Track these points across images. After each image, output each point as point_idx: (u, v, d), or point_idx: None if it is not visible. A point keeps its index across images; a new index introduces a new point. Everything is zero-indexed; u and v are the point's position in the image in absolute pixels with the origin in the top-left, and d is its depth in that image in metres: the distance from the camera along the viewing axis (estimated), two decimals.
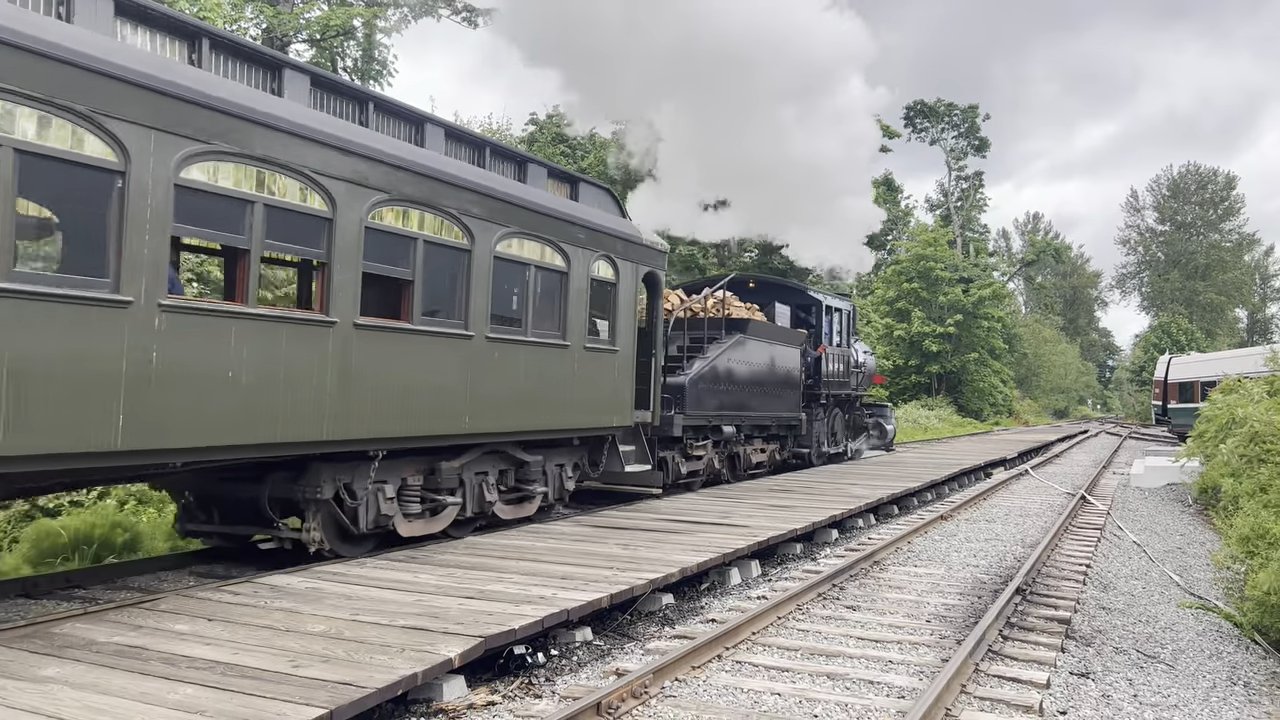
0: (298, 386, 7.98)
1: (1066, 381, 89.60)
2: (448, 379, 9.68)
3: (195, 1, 18.82)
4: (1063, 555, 11.48)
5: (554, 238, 11.34)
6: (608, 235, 12.50)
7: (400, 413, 9.06)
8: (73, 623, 6.28)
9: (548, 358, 11.27)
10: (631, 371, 13.05)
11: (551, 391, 11.33)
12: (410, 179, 9.14)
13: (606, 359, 12.44)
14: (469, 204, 9.87)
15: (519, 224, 10.69)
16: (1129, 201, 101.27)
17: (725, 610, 8.27)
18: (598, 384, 12.21)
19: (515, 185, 10.97)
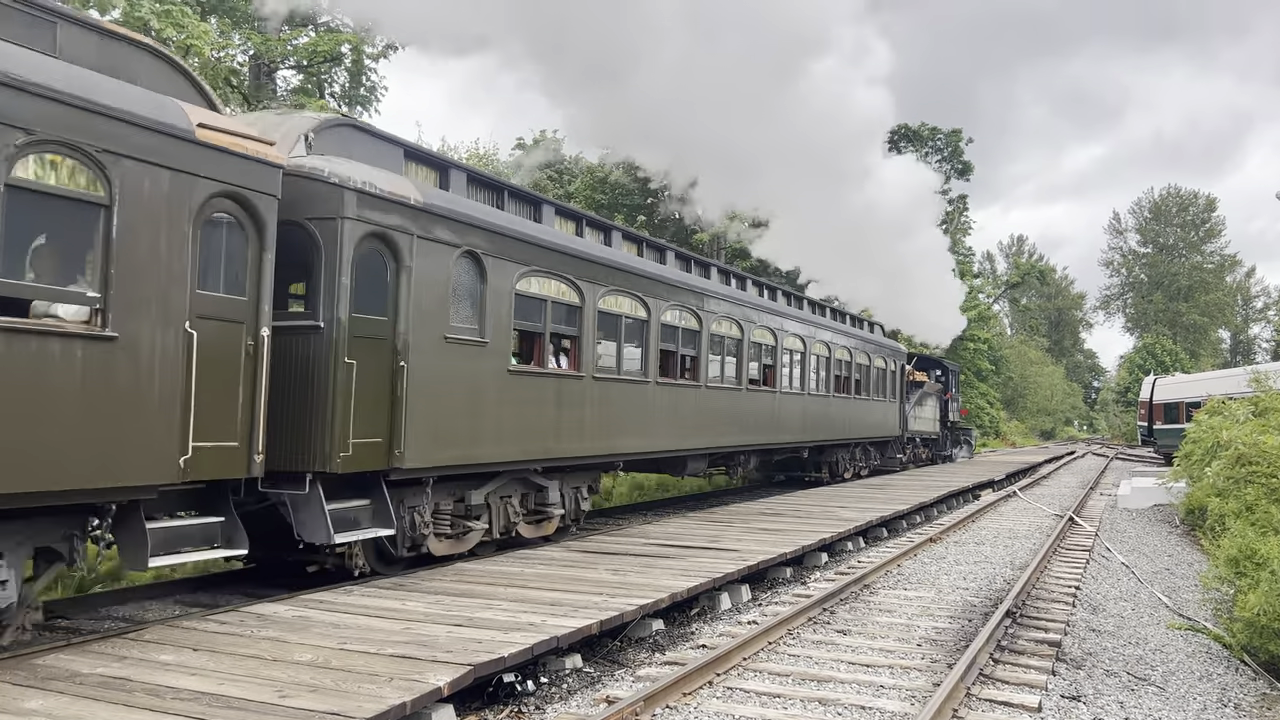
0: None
1: (1052, 403, 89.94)
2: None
3: (183, 30, 18.84)
4: (1052, 577, 11.48)
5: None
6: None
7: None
8: (56, 654, 6.20)
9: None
10: (896, 407, 27.76)
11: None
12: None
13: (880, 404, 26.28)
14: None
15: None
16: (1112, 224, 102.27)
17: (716, 635, 8.24)
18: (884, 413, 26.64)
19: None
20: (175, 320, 7.00)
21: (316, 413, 8.51)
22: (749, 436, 18.00)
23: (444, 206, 9.86)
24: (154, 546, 6.98)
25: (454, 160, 11.70)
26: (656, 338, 14.30)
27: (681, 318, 15.23)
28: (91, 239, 6.55)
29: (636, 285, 13.80)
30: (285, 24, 24.75)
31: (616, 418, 13.19)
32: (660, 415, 14.53)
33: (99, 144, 6.43)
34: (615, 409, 13.17)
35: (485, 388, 10.47)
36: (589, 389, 12.51)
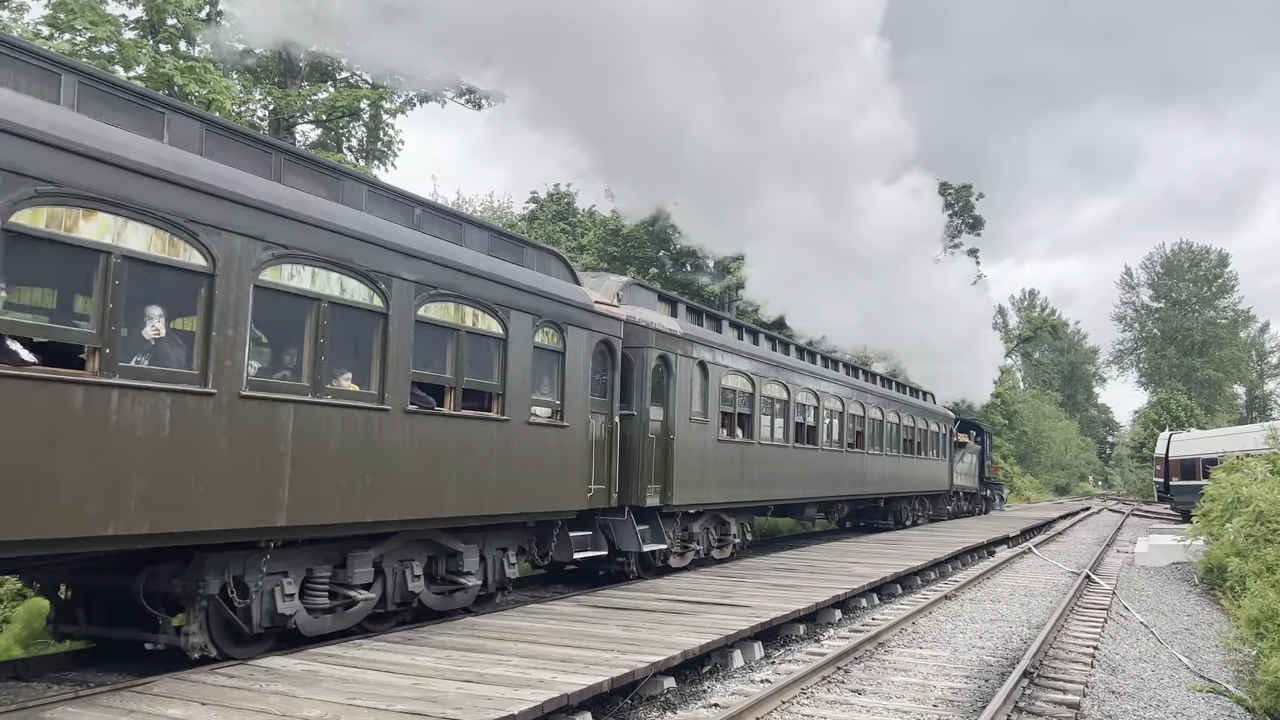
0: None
1: (1067, 458, 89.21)
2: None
3: (205, 85, 19.24)
4: (1069, 637, 11.31)
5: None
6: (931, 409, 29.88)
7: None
8: (64, 707, 6.16)
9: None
10: (945, 465, 32.31)
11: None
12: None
13: (935, 463, 30.59)
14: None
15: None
16: (1124, 278, 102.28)
17: (728, 694, 8.12)
18: (937, 470, 30.86)
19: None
20: (583, 414, 12.15)
21: (634, 468, 13.39)
22: (847, 489, 22.59)
23: (688, 334, 15.10)
24: (575, 547, 12.30)
25: (681, 298, 16.57)
26: (793, 413, 19.05)
27: (807, 397, 20.04)
28: (554, 371, 11.71)
29: (782, 374, 18.73)
30: (304, 79, 25.26)
31: (771, 474, 17.92)
32: (795, 471, 19.11)
33: (562, 320, 11.75)
34: (771, 467, 17.90)
35: (707, 452, 15.29)
36: (757, 452, 17.27)
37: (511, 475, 10.62)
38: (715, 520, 16.23)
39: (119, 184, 6.67)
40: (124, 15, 20.71)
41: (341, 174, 9.21)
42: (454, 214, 10.99)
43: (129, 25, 20.64)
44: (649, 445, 13.70)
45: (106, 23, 18.31)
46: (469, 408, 10.14)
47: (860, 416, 23.36)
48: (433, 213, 10.21)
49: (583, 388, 12.07)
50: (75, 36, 18.16)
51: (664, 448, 14.02)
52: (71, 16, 18.02)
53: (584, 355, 12.13)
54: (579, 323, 12.06)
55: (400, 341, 9.05)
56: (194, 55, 21.24)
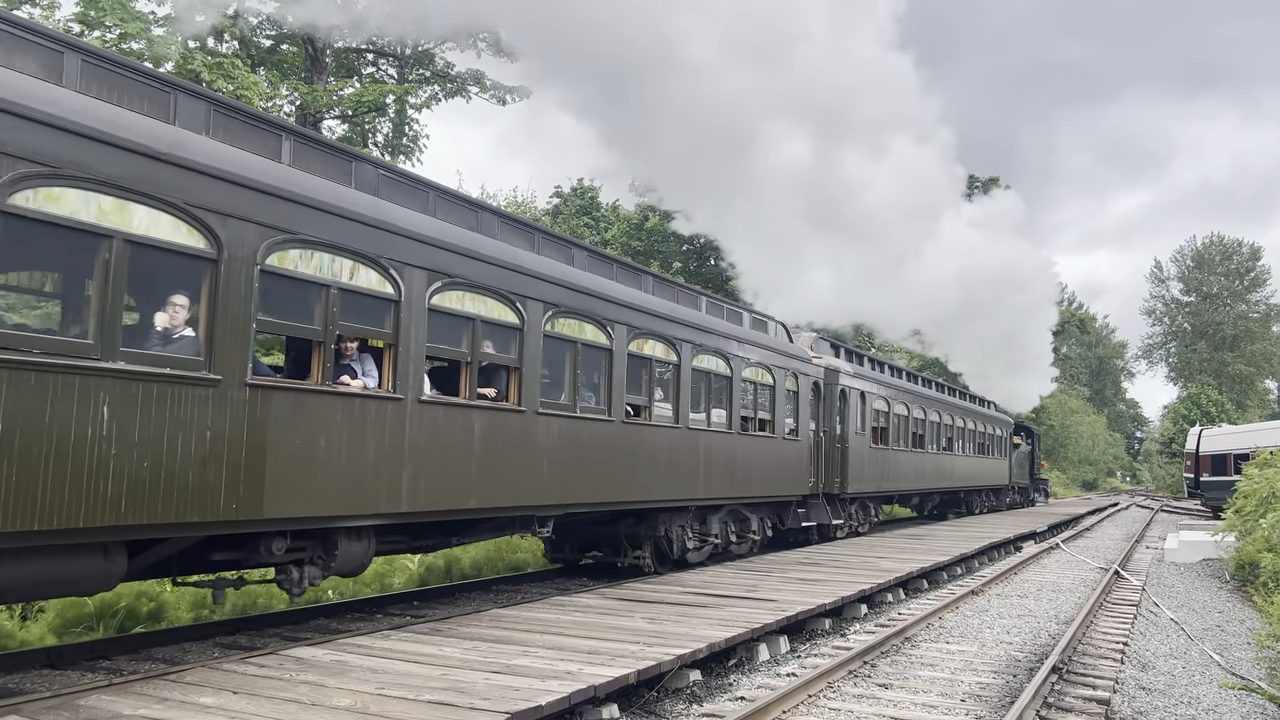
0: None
1: (1094, 453, 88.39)
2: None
3: (233, 80, 19.40)
4: (1098, 633, 11.21)
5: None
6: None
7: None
8: (98, 694, 6.24)
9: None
10: (1006, 463, 37.53)
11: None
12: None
13: (997, 462, 36.11)
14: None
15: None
16: (1153, 272, 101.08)
17: (754, 688, 8.11)
18: (1000, 468, 36.69)
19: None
20: (806, 430, 18.13)
21: (829, 468, 19.60)
22: (942, 483, 28.89)
23: (853, 369, 21.31)
24: (798, 520, 18.05)
25: (842, 344, 22.84)
26: (912, 425, 25.48)
27: (919, 412, 26.36)
28: (794, 403, 17.74)
29: (904, 396, 25.02)
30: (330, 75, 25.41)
31: (899, 471, 24.16)
32: (913, 470, 25.54)
33: (797, 370, 17.77)
34: (899, 466, 24.15)
35: (864, 456, 21.26)
36: (891, 456, 23.54)
37: (775, 472, 17.02)
38: (862, 505, 22.08)
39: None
40: (153, 12, 20.90)
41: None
42: (756, 312, 18.22)
43: (157, 22, 20.82)
44: (834, 451, 19.82)
45: (136, 19, 18.48)
46: (760, 431, 16.55)
47: (950, 425, 29.72)
48: (725, 304, 16.57)
49: (806, 413, 18.36)
50: (105, 33, 18.34)
51: (842, 453, 20.12)
52: (101, 14, 18.21)
53: (807, 391, 18.48)
54: (804, 371, 18.37)
55: (740, 391, 15.76)
56: (222, 52, 21.41)
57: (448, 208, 10.07)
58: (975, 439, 32.92)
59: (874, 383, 22.36)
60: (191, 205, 6.95)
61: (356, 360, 8.66)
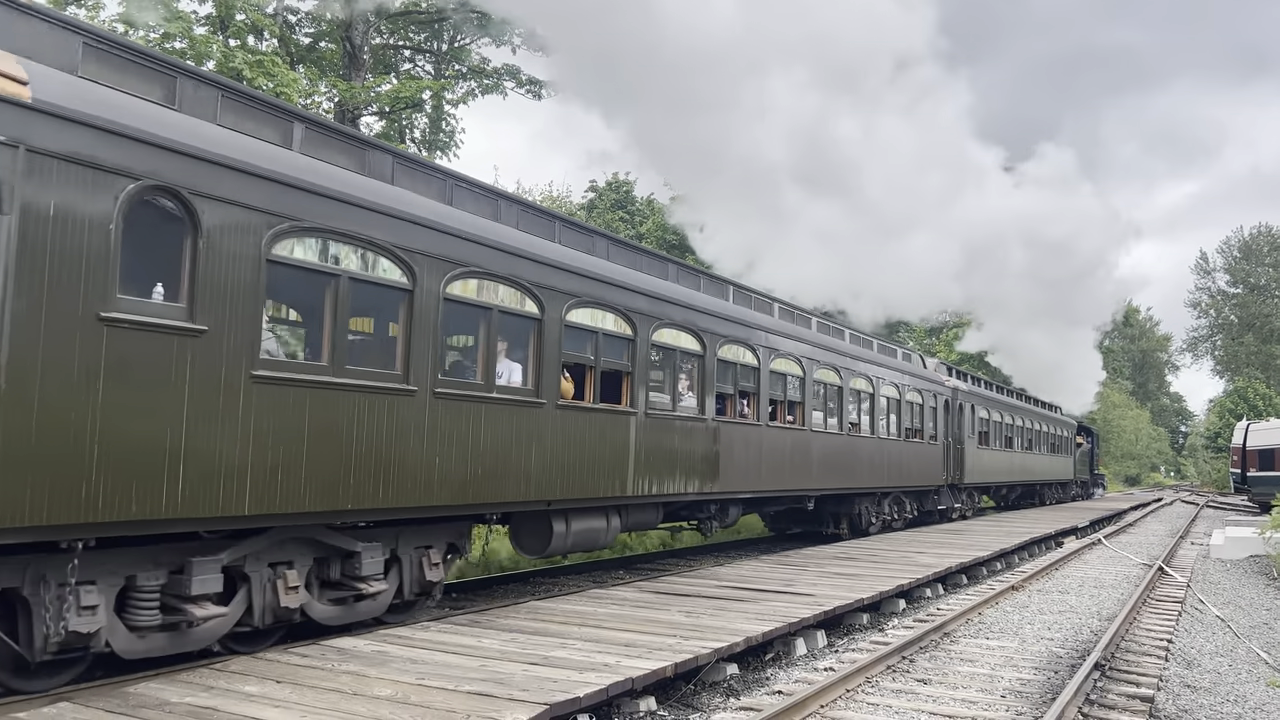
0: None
1: (1138, 448, 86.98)
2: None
3: (273, 78, 19.62)
4: (1142, 629, 11.05)
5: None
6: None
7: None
8: (146, 683, 6.37)
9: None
10: (1070, 460, 42.67)
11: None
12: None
13: (1064, 459, 41.56)
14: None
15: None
16: (1199, 263, 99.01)
17: (792, 682, 8.09)
18: (1065, 464, 41.83)
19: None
20: (940, 436, 24.13)
21: (952, 464, 24.92)
22: (1023, 477, 34.18)
23: (967, 387, 26.87)
24: (936, 503, 24.74)
25: (955, 365, 28.79)
26: (1004, 430, 31.10)
27: (1010, 418, 31.92)
28: (935, 415, 23.94)
29: (999, 407, 30.72)
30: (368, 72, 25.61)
31: (995, 467, 29.99)
32: (1004, 465, 31.16)
33: (935, 391, 24.00)
34: (996, 462, 30.04)
35: (974, 455, 26.77)
36: (991, 454, 29.23)
37: (922, 468, 22.82)
38: (969, 494, 27.40)
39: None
40: (195, 11, 21.20)
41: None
42: (906, 348, 24.55)
43: (199, 21, 21.11)
44: (955, 451, 25.41)
45: (179, 19, 18.74)
46: (914, 438, 22.44)
47: (1029, 428, 34.60)
48: (893, 346, 22.79)
49: (939, 422, 24.18)
50: (149, 33, 18.63)
51: (960, 453, 25.75)
52: (145, 13, 18.49)
53: (940, 406, 24.32)
54: (939, 391, 24.36)
55: (905, 409, 21.69)
56: (262, 49, 21.65)
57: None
58: (1048, 440, 38.14)
59: (979, 397, 28.35)
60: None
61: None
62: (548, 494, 10.14)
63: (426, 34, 28.45)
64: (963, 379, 27.68)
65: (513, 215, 10.43)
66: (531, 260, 9.90)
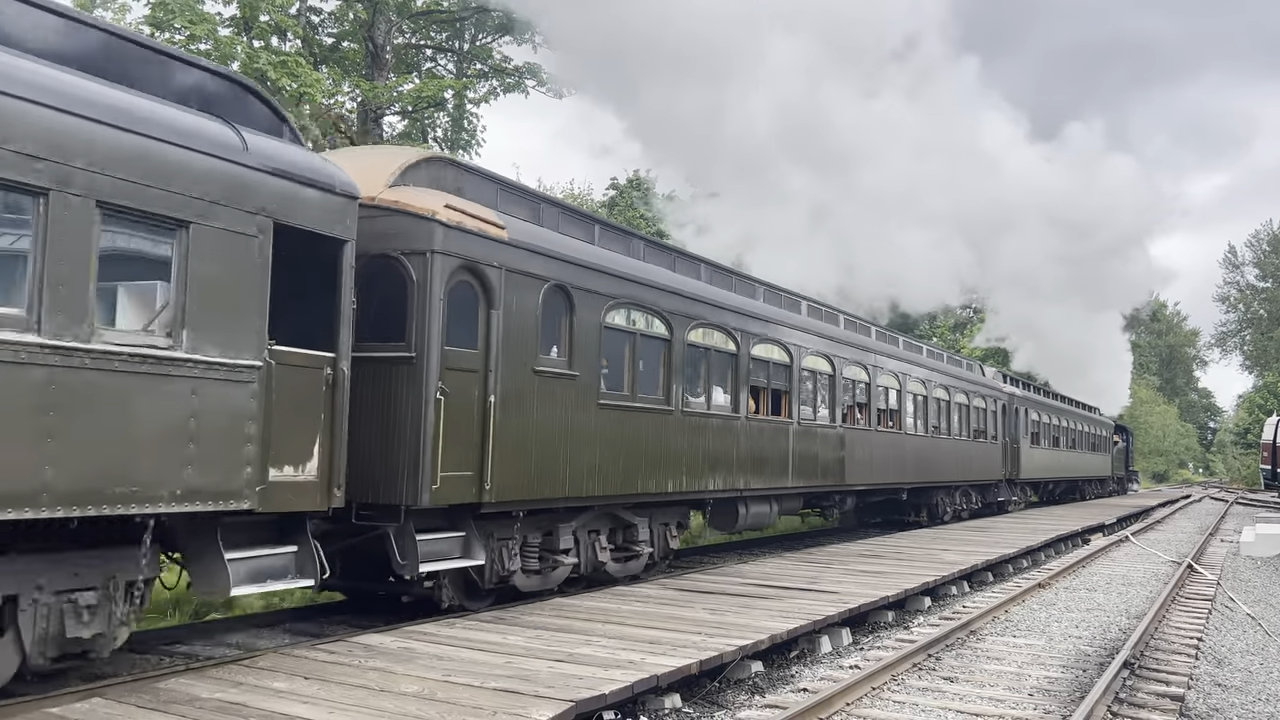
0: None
1: (1165, 444, 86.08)
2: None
3: (297, 79, 19.75)
4: (1171, 627, 10.94)
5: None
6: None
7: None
8: (176, 678, 6.44)
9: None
10: (1108, 458, 45.96)
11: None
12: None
13: (1102, 456, 44.66)
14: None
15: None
16: (1227, 258, 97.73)
17: (817, 679, 8.07)
18: (1103, 462, 44.92)
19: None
20: (1000, 437, 27.74)
21: (1009, 461, 28.28)
22: (1069, 473, 37.63)
23: (1021, 393, 30.36)
24: (996, 495, 28.17)
25: (1005, 370, 32.97)
26: (1055, 430, 34.38)
27: (1063, 421, 35.86)
28: (996, 418, 27.36)
29: (1053, 412, 34.33)
30: (390, 71, 25.74)
31: (1054, 465, 33.95)
32: (1061, 463, 35.42)
33: (995, 397, 27.45)
34: (1055, 460, 34.10)
35: (1027, 453, 29.86)
36: (1050, 454, 33.19)
37: (985, 464, 25.90)
38: (1023, 488, 30.45)
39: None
40: (219, 13, 21.36)
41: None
42: (969, 360, 27.01)
43: (224, 23, 21.27)
44: (1012, 450, 28.35)
45: (204, 21, 18.89)
46: (979, 438, 25.62)
47: (1073, 429, 37.84)
48: (961, 359, 25.34)
49: (999, 424, 27.44)
50: (174, 34, 18.79)
51: (1015, 451, 28.63)
52: (170, 15, 18.66)
53: (999, 410, 27.56)
54: (998, 397, 27.58)
55: (972, 413, 24.76)
56: (285, 50, 21.79)
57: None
58: (1089, 439, 41.35)
59: (1031, 401, 31.23)
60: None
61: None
62: (739, 485, 13.64)
63: (448, 33, 28.54)
64: (1015, 385, 30.56)
65: (702, 271, 13.79)
66: (731, 310, 13.71)
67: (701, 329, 12.94)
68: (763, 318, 14.64)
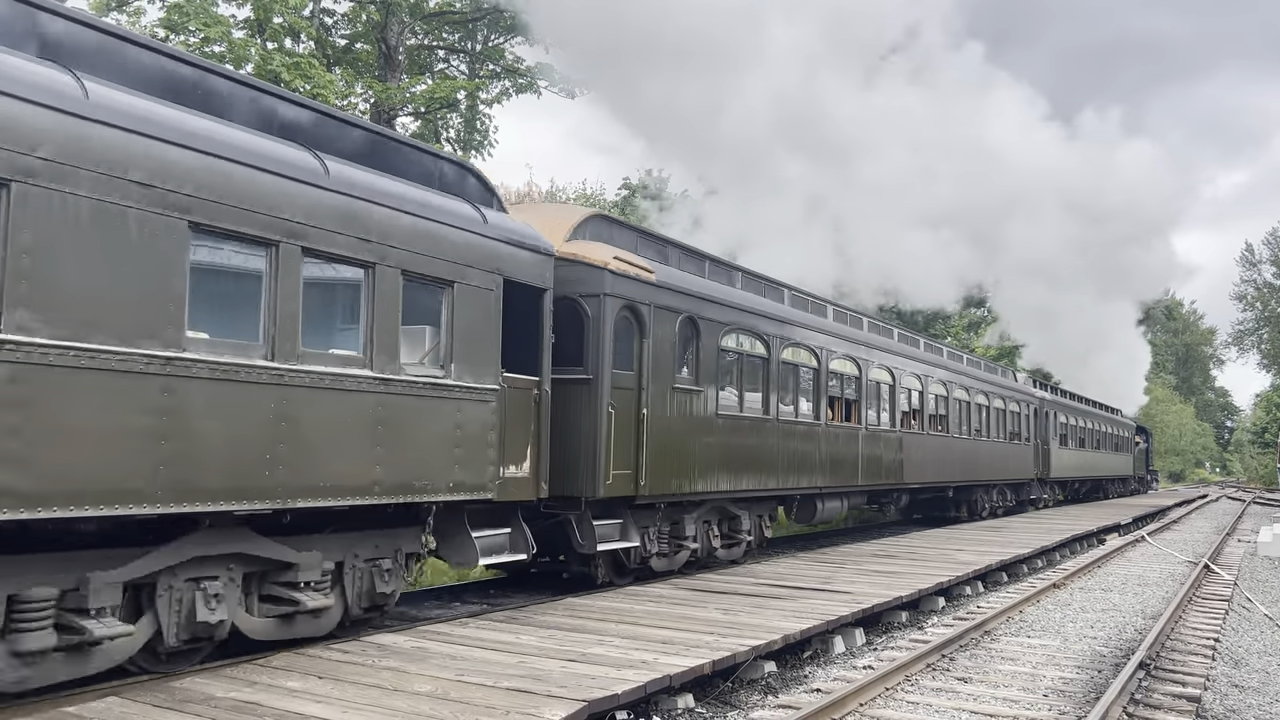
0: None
1: (1181, 443, 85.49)
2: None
3: (310, 80, 19.82)
4: (1187, 628, 10.87)
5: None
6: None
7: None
8: (192, 678, 6.47)
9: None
10: (1130, 458, 47.93)
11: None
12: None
13: (1124, 456, 46.82)
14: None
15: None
16: (1244, 255, 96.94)
17: (830, 680, 8.05)
18: (1125, 461, 46.49)
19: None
20: (1033, 439, 29.81)
21: (1040, 461, 30.29)
22: (1094, 472, 39.16)
23: (1052, 398, 32.64)
24: (1028, 493, 30.49)
25: (1036, 378, 35.67)
26: (1081, 432, 36.14)
27: (1085, 421, 37.12)
28: (1029, 421, 29.67)
29: (1081, 415, 36.21)
30: (403, 72, 25.80)
31: (1086, 464, 36.95)
32: (1088, 462, 37.21)
33: (1028, 401, 29.32)
34: (1088, 459, 37.47)
35: (1057, 454, 31.98)
36: (1088, 455, 37.40)
37: (1019, 464, 27.96)
38: (1052, 487, 32.66)
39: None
40: (233, 15, 21.46)
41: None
42: (1003, 367, 29.32)
43: (238, 25, 21.36)
44: (1043, 451, 30.19)
45: (218, 23, 18.98)
46: (1014, 439, 27.40)
47: (1098, 430, 39.63)
48: (998, 368, 27.83)
49: (1031, 426, 29.33)
50: (189, 37, 18.89)
51: (1046, 452, 30.49)
52: (185, 19, 18.75)
53: (1031, 414, 29.35)
54: (1030, 401, 29.45)
55: (1008, 417, 27.05)
56: (299, 52, 21.87)
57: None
58: (1112, 440, 43.13)
59: (1060, 405, 33.05)
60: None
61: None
62: (818, 483, 15.56)
63: (460, 34, 28.58)
64: (1045, 389, 32.38)
65: (785, 296, 15.67)
66: (814, 330, 15.76)
67: (791, 348, 14.95)
68: (837, 335, 16.73)
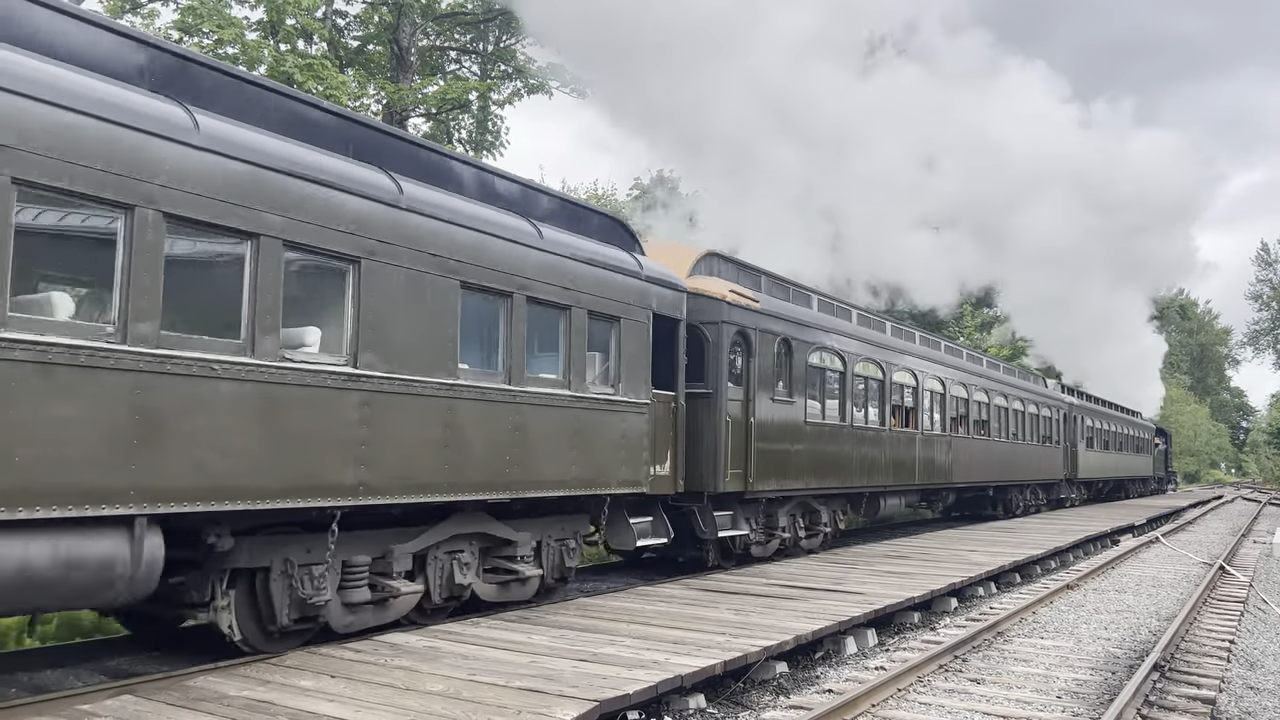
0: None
1: (1196, 444, 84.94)
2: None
3: (323, 82, 19.90)
4: (1202, 629, 10.80)
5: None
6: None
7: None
8: (205, 676, 6.51)
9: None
10: (1150, 459, 49.08)
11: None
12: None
13: (1145, 458, 47.90)
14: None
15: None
16: (1260, 255, 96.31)
17: (842, 680, 8.03)
18: (1146, 463, 48.16)
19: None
20: (1062, 441, 31.89)
21: (1069, 462, 32.34)
22: (1116, 473, 40.59)
23: (1079, 402, 34.53)
24: (1058, 492, 32.84)
25: (1061, 381, 36.44)
26: (1105, 435, 38.03)
27: (1109, 424, 38.72)
28: (1059, 425, 31.95)
29: (1105, 419, 37.97)
30: (415, 73, 25.87)
31: (1108, 465, 38.57)
32: (1109, 464, 38.50)
33: (1057, 406, 31.44)
34: (1110, 461, 38.86)
35: (1084, 456, 33.91)
36: (1110, 457, 39.07)
37: (1050, 465, 29.96)
38: (1080, 487, 34.22)
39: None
40: (246, 17, 21.55)
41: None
42: (1034, 372, 33.41)
43: (250, 27, 21.46)
44: (1071, 452, 32.20)
45: (231, 25, 19.07)
46: (1045, 443, 29.82)
47: (1122, 433, 41.47)
48: (1030, 373, 32.44)
49: (1060, 430, 31.38)
50: (202, 39, 18.99)
51: (1074, 454, 32.32)
52: (199, 20, 18.85)
53: (1060, 418, 31.44)
54: (1059, 406, 31.43)
55: (1041, 422, 29.21)
56: (311, 53, 21.96)
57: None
58: (1134, 442, 44.64)
59: (1087, 410, 34.89)
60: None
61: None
62: (883, 483, 17.57)
63: (472, 35, 28.64)
64: (1073, 394, 34.25)
65: (853, 315, 17.56)
66: (879, 346, 17.65)
67: (862, 362, 16.88)
68: (899, 350, 18.74)
